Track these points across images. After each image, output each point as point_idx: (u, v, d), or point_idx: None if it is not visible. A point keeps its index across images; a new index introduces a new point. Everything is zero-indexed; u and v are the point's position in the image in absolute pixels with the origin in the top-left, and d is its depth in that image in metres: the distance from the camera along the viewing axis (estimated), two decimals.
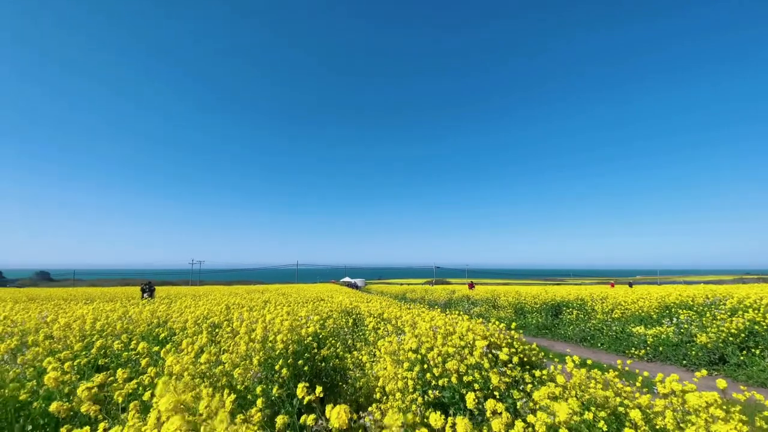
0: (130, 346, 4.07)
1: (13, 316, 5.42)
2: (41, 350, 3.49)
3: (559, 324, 13.13)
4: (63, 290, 24.96)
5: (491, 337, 4.90)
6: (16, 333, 4.46)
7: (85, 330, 4.61)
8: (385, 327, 6.35)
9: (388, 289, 38.65)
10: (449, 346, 4.08)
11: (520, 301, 16.30)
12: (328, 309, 8.28)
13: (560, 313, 14.07)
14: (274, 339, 4.24)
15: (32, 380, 2.49)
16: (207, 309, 6.44)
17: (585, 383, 3.17)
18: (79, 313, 5.95)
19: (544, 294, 16.10)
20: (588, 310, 13.22)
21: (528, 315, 14.84)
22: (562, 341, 11.93)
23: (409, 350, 4.16)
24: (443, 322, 5.60)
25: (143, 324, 5.18)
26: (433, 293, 25.22)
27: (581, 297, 14.62)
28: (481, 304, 18.27)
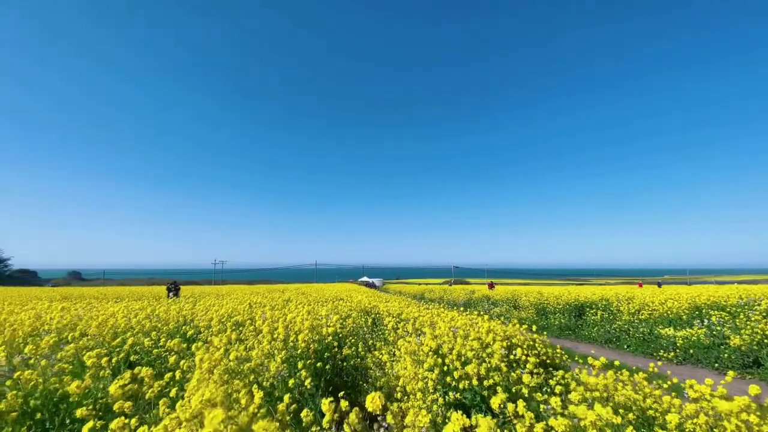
0: (159, 343, 4.23)
1: (51, 314, 5.71)
2: (78, 347, 3.66)
3: (583, 325, 12.81)
4: (94, 289, 26.08)
5: (512, 338, 4.84)
6: (53, 330, 4.70)
7: (117, 327, 4.82)
8: (404, 327, 6.35)
9: (406, 289, 38.59)
10: (468, 348, 4.05)
11: (541, 302, 15.97)
12: (347, 308, 8.35)
13: (584, 313, 13.72)
14: (295, 338, 4.32)
15: (71, 375, 2.63)
16: (231, 308, 6.61)
17: (612, 386, 3.09)
18: (110, 311, 6.22)
19: (566, 294, 15.73)
20: (613, 310, 12.84)
21: (550, 316, 14.53)
22: (586, 343, 11.63)
23: (429, 351, 4.16)
24: (463, 322, 5.56)
25: (171, 322, 5.37)
26: (452, 293, 25.02)
27: (606, 297, 14.21)
28: (501, 305, 18.00)
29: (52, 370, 2.55)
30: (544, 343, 5.10)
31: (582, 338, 12.09)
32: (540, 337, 5.11)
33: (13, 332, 3.84)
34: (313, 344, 4.48)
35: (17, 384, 2.25)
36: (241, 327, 5.29)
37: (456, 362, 3.70)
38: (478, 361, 3.77)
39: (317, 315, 5.92)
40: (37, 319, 5.13)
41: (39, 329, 4.73)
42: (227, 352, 3.63)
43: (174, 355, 3.59)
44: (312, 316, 5.40)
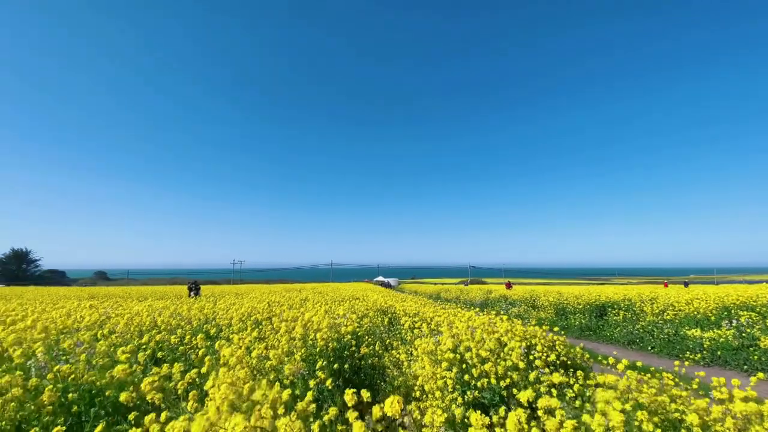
0: (185, 340, 4.36)
1: (80, 312, 5.96)
2: (107, 343, 3.82)
3: (604, 326, 12.51)
4: (119, 289, 27.00)
5: (532, 338, 4.78)
6: (82, 328, 4.90)
7: (142, 325, 5.00)
8: (421, 326, 6.35)
9: (421, 289, 38.46)
10: (486, 348, 4.03)
11: (561, 302, 15.66)
12: (364, 308, 8.40)
13: (605, 314, 13.39)
14: (314, 337, 4.38)
15: (104, 370, 2.75)
16: (251, 306, 6.75)
17: (636, 387, 3.02)
18: (136, 310, 6.44)
19: (587, 294, 15.39)
20: (636, 311, 12.49)
21: (570, 316, 14.24)
22: (607, 344, 11.36)
23: (447, 350, 4.15)
24: (481, 322, 5.53)
25: (194, 320, 5.53)
26: (468, 293, 24.80)
27: (629, 297, 13.84)
28: (519, 305, 17.75)
29: (87, 366, 2.68)
30: (564, 343, 5.02)
31: (603, 339, 11.81)
32: (560, 337, 5.03)
33: (46, 329, 4.03)
34: (331, 343, 4.54)
35: (57, 378, 2.38)
36: (261, 325, 5.39)
37: (475, 359, 3.69)
38: (495, 359, 3.74)
39: (335, 314, 5.99)
40: (68, 317, 5.36)
41: (69, 327, 4.94)
42: (249, 350, 3.72)
43: (200, 350, 3.70)
44: (329, 315, 5.47)
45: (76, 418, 2.32)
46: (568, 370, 4.42)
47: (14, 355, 2.50)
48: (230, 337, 4.41)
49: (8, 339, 2.88)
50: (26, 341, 3.24)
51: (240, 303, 7.83)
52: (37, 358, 2.67)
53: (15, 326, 3.59)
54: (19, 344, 2.84)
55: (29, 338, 3.17)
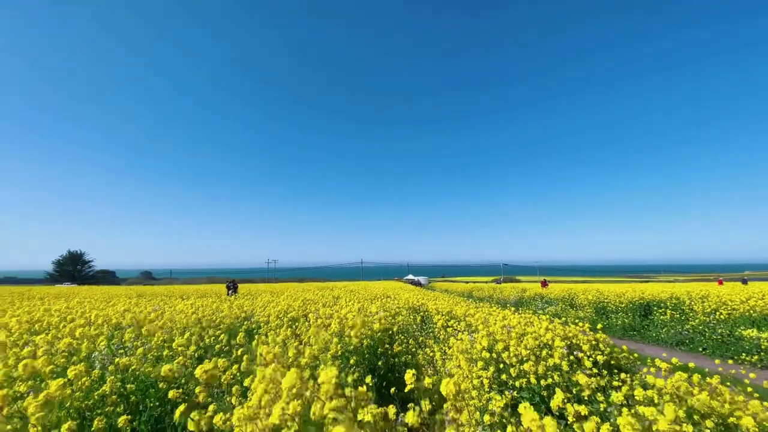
0: (224, 337, 4.55)
1: (133, 308, 6.37)
2: (157, 339, 4.06)
3: (650, 325, 11.83)
4: (164, 287, 28.61)
5: (573, 338, 4.62)
6: (134, 324, 5.23)
7: (188, 322, 5.27)
8: (454, 325, 6.29)
9: (452, 287, 38.02)
10: (525, 346, 3.93)
11: (601, 300, 14.96)
12: (396, 306, 8.43)
13: (650, 313, 12.66)
14: (348, 334, 4.45)
15: (156, 364, 2.93)
16: (287, 304, 6.96)
17: (687, 389, 2.84)
18: (180, 307, 6.80)
19: (630, 292, 14.61)
20: (685, 310, 11.72)
21: (611, 315, 13.58)
22: (653, 344, 10.74)
23: (483, 349, 4.08)
24: (517, 321, 5.40)
25: (233, 317, 5.77)
26: (502, 292, 24.25)
27: (676, 295, 13.01)
28: (556, 303, 17.15)
29: (143, 359, 2.87)
30: (608, 343, 4.81)
31: (649, 340, 11.17)
32: (603, 336, 4.82)
33: (103, 325, 4.34)
34: (366, 340, 4.59)
35: (117, 369, 2.57)
36: (296, 323, 5.55)
37: (513, 358, 3.61)
38: (535, 360, 3.64)
39: (368, 312, 6.05)
40: (122, 314, 5.74)
41: (122, 323, 5.29)
42: (285, 346, 3.83)
43: (239, 349, 3.86)
44: (363, 313, 5.53)
45: (134, 406, 2.50)
46: (613, 371, 4.23)
47: (81, 347, 2.73)
48: (267, 334, 4.56)
49: (76, 333, 3.14)
50: (88, 336, 3.51)
51: (276, 301, 8.09)
52: (100, 351, 2.90)
53: (76, 322, 3.90)
54: (83, 338, 3.08)
55: (92, 333, 3.44)
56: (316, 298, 9.70)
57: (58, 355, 2.76)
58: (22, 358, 2.56)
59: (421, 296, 13.42)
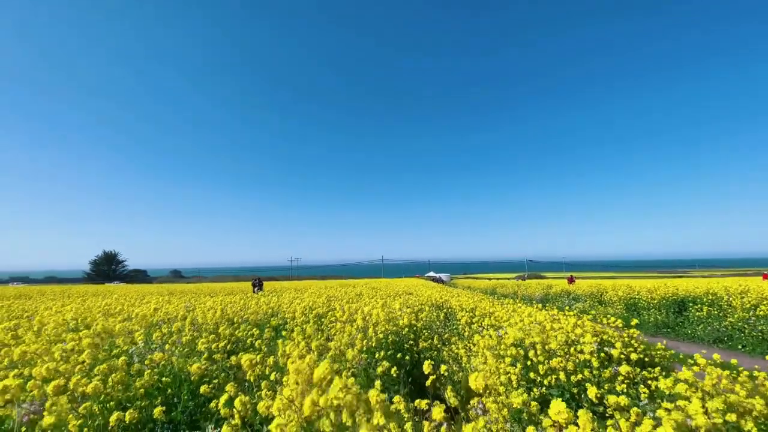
0: (250, 331, 4.68)
1: (165, 306, 6.63)
2: (189, 335, 4.22)
3: (684, 322, 11.31)
4: (193, 286, 29.67)
5: (602, 334, 4.48)
6: (167, 321, 5.46)
7: (216, 318, 5.44)
8: (479, 322, 6.22)
9: (475, 284, 37.55)
10: (553, 342, 3.85)
11: (632, 296, 14.39)
12: (418, 303, 8.41)
13: (685, 309, 12.09)
14: (374, 329, 4.48)
15: (189, 358, 3.05)
16: (311, 301, 7.08)
17: (727, 386, 2.70)
18: (209, 304, 7.03)
19: (662, 288, 14.00)
20: (723, 306, 11.12)
21: (643, 312, 13.06)
22: (688, 342, 10.27)
23: (510, 345, 4.02)
24: (543, 317, 5.28)
25: (261, 313, 5.92)
26: (526, 288, 23.74)
27: (713, 291, 12.35)
28: (584, 300, 16.65)
29: (176, 354, 3.00)
30: (641, 340, 4.64)
31: (684, 337, 10.69)
32: (636, 332, 4.65)
33: (139, 321, 4.55)
34: (390, 336, 4.61)
35: (153, 363, 2.69)
36: (321, 318, 5.64)
37: (541, 356, 3.54)
38: (564, 356, 3.56)
39: (391, 308, 6.07)
40: (155, 311, 5.99)
41: (156, 320, 5.53)
42: (309, 340, 3.90)
43: (263, 346, 3.95)
44: (387, 309, 5.56)
45: (170, 398, 2.61)
46: (645, 368, 4.08)
47: (119, 341, 2.88)
48: (293, 329, 4.64)
49: (116, 328, 3.31)
50: (124, 332, 3.68)
51: (301, 298, 8.24)
52: (138, 346, 3.05)
53: (116, 317, 4.10)
54: (122, 333, 3.25)
55: (129, 328, 3.61)
56: (339, 295, 9.80)
57: (99, 350, 2.91)
58: (67, 352, 2.73)
59: (444, 293, 13.34)
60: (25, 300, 11.27)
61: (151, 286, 34.77)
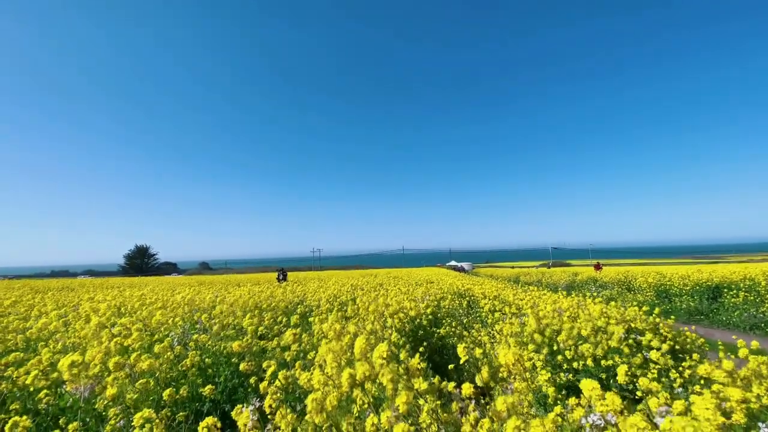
0: (278, 319, 4.87)
1: (197, 296, 6.96)
2: (218, 322, 4.44)
3: (719, 309, 10.89)
4: (221, 277, 30.76)
5: (631, 321, 4.40)
6: (200, 309, 5.74)
7: (246, 306, 5.68)
8: (502, 309, 6.21)
9: (498, 273, 37.15)
10: (578, 329, 3.82)
11: (663, 283, 13.91)
12: (440, 291, 8.46)
13: (720, 296, 11.62)
14: (396, 317, 4.57)
15: (227, 340, 3.23)
16: (336, 289, 7.26)
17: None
18: (238, 294, 7.32)
19: (696, 274, 13.48)
20: (761, 291, 10.63)
21: (675, 299, 12.63)
22: (722, 329, 9.90)
23: (534, 332, 4.02)
24: (569, 304, 5.23)
25: (287, 301, 6.13)
26: (551, 276, 23.30)
27: (751, 276, 11.81)
28: (611, 287, 16.23)
29: (215, 336, 3.19)
30: (670, 326, 4.53)
31: (718, 324, 10.30)
32: (664, 320, 4.55)
33: (177, 308, 4.81)
34: (408, 324, 4.70)
35: (195, 345, 2.89)
36: (345, 306, 5.78)
37: (569, 341, 3.53)
38: (595, 342, 3.53)
39: (413, 296, 6.14)
40: (192, 300, 6.32)
41: (190, 310, 5.82)
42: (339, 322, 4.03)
43: (295, 330, 4.11)
44: (408, 298, 5.64)
45: (211, 378, 2.79)
46: (677, 356, 3.99)
47: (162, 327, 3.09)
48: (322, 315, 4.79)
49: (156, 315, 3.53)
50: (165, 318, 3.92)
51: (325, 287, 8.46)
52: (177, 330, 3.26)
53: (153, 306, 4.36)
54: (162, 320, 3.48)
55: (169, 314, 3.85)
56: (362, 284, 9.98)
57: (143, 333, 3.13)
58: (113, 337, 2.94)
59: (466, 281, 13.31)
60: (68, 291, 12.03)
61: (181, 277, 36.29)
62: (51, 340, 3.19)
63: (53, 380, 2.35)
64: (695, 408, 1.19)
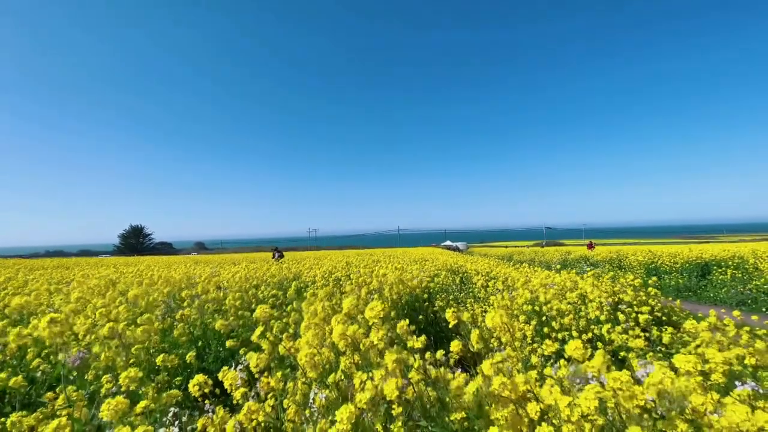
0: (281, 293, 4.89)
1: (192, 272, 6.97)
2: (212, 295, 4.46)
3: (707, 286, 11.12)
4: (217, 256, 30.82)
5: (620, 293, 4.48)
6: (194, 284, 5.75)
7: (242, 281, 5.71)
8: (494, 285, 6.29)
9: (492, 252, 37.48)
10: (567, 300, 3.89)
11: (653, 261, 14.14)
12: (434, 267, 8.54)
13: (709, 273, 11.84)
14: (389, 291, 4.60)
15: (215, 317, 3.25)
16: (331, 266, 7.30)
17: (748, 341, 2.69)
18: (234, 270, 7.34)
19: (686, 252, 13.69)
20: (749, 269, 10.84)
21: (664, 276, 12.86)
22: (710, 305, 10.12)
23: (524, 303, 4.08)
24: (561, 279, 5.31)
25: (282, 277, 6.16)
26: (544, 255, 23.61)
27: (740, 255, 12.02)
28: (602, 265, 16.48)
29: (204, 311, 3.21)
30: (658, 297, 4.63)
31: (706, 300, 10.54)
32: (653, 291, 4.64)
33: (171, 283, 4.82)
34: (404, 296, 4.74)
35: (183, 319, 2.90)
36: (340, 282, 5.82)
37: (553, 311, 3.59)
38: (577, 314, 3.60)
39: (407, 270, 6.19)
40: (186, 275, 6.32)
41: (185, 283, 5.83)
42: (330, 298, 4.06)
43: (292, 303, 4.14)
44: (402, 272, 5.68)
45: (201, 350, 2.82)
46: (662, 326, 4.09)
47: (150, 300, 3.11)
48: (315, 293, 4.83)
49: (148, 292, 3.54)
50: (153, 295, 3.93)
51: (321, 263, 8.50)
52: (167, 304, 3.28)
53: (148, 280, 4.36)
54: (150, 293, 3.49)
55: (159, 289, 3.85)
56: (357, 262, 10.04)
57: (130, 304, 3.14)
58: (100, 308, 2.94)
59: (460, 259, 13.44)
60: (63, 270, 12.00)
61: (177, 256, 36.36)
62: (40, 312, 3.18)
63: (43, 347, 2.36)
64: (675, 360, 1.21)
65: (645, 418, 1.27)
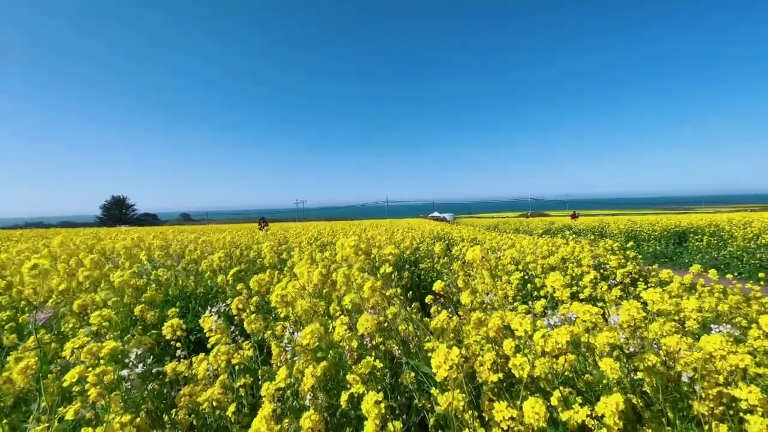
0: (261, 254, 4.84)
1: (177, 236, 6.86)
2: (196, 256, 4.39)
3: (683, 252, 11.54)
4: (203, 226, 30.45)
5: (599, 257, 4.59)
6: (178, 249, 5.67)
7: (226, 245, 5.64)
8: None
9: (479, 222, 38.02)
10: (550, 259, 3.96)
11: (633, 229, 14.55)
12: (420, 235, 8.59)
13: (686, 240, 12.27)
14: (377, 253, 4.60)
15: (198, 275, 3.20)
16: (317, 231, 7.27)
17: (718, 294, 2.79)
18: (221, 236, 7.24)
19: (665, 220, 14.12)
20: (724, 236, 11.26)
21: (643, 243, 13.28)
22: (684, 270, 10.56)
23: (509, 262, 4.15)
24: (544, 242, 5.40)
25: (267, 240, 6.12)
26: (529, 224, 24.04)
27: (716, 223, 12.44)
28: (585, 234, 16.89)
29: (181, 274, 3.17)
30: (636, 260, 4.76)
31: (681, 266, 10.97)
32: (633, 253, 4.77)
33: (149, 248, 4.72)
34: (392, 257, 4.75)
35: (158, 280, 2.87)
36: (327, 247, 5.82)
37: (538, 270, 3.66)
38: (562, 271, 3.67)
39: (393, 233, 6.20)
40: (164, 240, 6.21)
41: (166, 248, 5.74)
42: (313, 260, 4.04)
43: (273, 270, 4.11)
44: (391, 233, 5.68)
45: (180, 310, 2.81)
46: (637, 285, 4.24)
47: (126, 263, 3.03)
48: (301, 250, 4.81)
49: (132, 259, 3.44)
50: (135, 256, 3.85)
51: (307, 229, 8.45)
52: (146, 266, 3.23)
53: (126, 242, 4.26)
54: (129, 258, 3.42)
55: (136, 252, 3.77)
56: (345, 228, 10.04)
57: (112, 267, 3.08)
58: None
59: (446, 227, 13.56)
60: (41, 238, 11.70)
61: (163, 227, 35.84)
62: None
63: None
64: (644, 295, 1.22)
65: (617, 354, 1.31)
